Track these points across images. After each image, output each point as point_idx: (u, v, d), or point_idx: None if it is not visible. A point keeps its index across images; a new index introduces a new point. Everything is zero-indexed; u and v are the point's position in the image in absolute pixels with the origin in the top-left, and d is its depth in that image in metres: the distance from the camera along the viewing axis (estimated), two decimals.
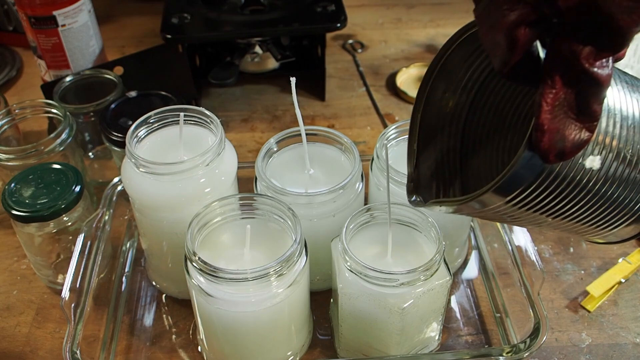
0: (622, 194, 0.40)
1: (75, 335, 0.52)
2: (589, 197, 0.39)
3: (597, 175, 0.38)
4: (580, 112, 0.33)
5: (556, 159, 0.34)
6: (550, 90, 0.33)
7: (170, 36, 0.79)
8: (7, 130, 0.69)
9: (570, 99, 0.33)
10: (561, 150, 0.34)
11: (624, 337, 0.59)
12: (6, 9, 0.97)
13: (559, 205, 0.39)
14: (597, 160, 0.38)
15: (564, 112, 0.33)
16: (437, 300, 0.52)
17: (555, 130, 0.33)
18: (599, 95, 0.33)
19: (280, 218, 0.53)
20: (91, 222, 0.60)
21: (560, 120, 0.33)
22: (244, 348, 0.54)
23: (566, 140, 0.33)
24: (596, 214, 0.41)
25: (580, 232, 0.44)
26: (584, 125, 0.34)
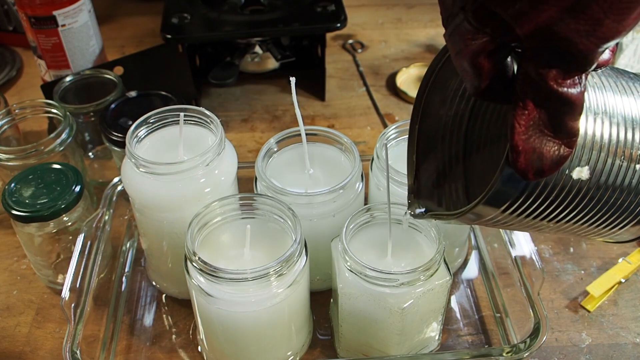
0: (620, 197, 0.40)
1: (75, 335, 0.52)
2: (585, 204, 0.39)
3: (588, 184, 0.38)
4: (557, 131, 0.33)
5: (536, 177, 0.34)
6: (522, 111, 0.33)
7: (170, 36, 0.79)
8: (7, 130, 0.69)
9: (545, 118, 0.33)
10: (539, 168, 0.34)
11: (624, 337, 0.59)
12: (6, 9, 0.97)
13: (555, 212, 0.39)
14: (585, 171, 0.37)
15: (539, 130, 0.33)
16: (437, 300, 0.52)
17: (530, 150, 0.33)
18: (572, 113, 0.33)
19: (280, 218, 0.53)
20: (91, 222, 0.60)
21: (536, 139, 0.33)
22: (244, 348, 0.54)
23: (544, 158, 0.33)
24: (596, 218, 0.41)
25: (585, 234, 0.44)
26: (563, 142, 0.33)
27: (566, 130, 0.33)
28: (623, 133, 0.39)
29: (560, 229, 0.43)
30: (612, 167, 0.39)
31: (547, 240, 0.69)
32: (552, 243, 0.68)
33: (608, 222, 0.42)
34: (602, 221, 0.42)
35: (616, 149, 0.39)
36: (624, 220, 0.42)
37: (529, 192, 0.37)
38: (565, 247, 0.68)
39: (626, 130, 0.39)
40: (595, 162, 0.38)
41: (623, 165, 0.39)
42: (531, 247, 0.58)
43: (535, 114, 0.33)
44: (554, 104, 0.32)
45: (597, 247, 0.68)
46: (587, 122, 0.37)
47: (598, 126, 0.38)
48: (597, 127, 0.38)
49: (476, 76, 0.33)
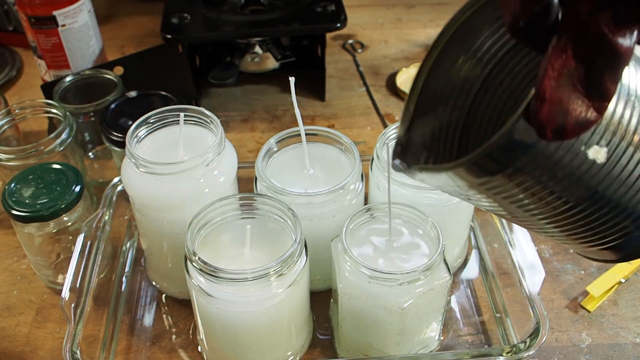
0: (625, 201, 0.35)
1: (75, 335, 0.52)
2: (585, 196, 0.35)
3: (599, 170, 0.34)
4: (590, 88, 0.29)
5: (554, 136, 0.30)
6: (559, 54, 0.29)
7: (170, 36, 0.79)
8: (7, 130, 0.69)
9: (581, 70, 0.29)
10: (561, 126, 0.29)
11: (624, 337, 0.59)
12: (6, 9, 0.97)
13: (556, 195, 0.35)
14: (602, 152, 0.33)
15: (572, 83, 0.29)
16: (437, 300, 0.52)
17: (557, 101, 0.29)
18: (615, 70, 0.29)
19: (280, 218, 0.53)
20: (91, 222, 0.60)
21: (566, 91, 0.29)
22: (244, 348, 0.54)
23: (569, 115, 0.29)
24: (590, 218, 0.37)
25: (566, 235, 0.39)
26: (593, 103, 0.29)
27: (601, 89, 0.29)
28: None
29: (549, 220, 0.37)
30: (632, 160, 0.34)
31: (547, 240, 0.69)
32: (552, 243, 0.68)
33: (600, 228, 0.37)
34: (596, 225, 0.37)
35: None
36: (617, 232, 0.37)
37: (534, 157, 0.32)
38: (566, 247, 0.68)
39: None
40: (615, 148, 0.33)
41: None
42: (531, 247, 0.58)
43: (572, 61, 0.29)
44: (598, 54, 0.28)
45: None
46: (617, 99, 0.33)
47: (628, 109, 0.33)
48: (626, 110, 0.33)
49: (522, 3, 0.29)
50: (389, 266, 0.51)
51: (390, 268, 0.50)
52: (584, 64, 0.28)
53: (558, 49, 0.29)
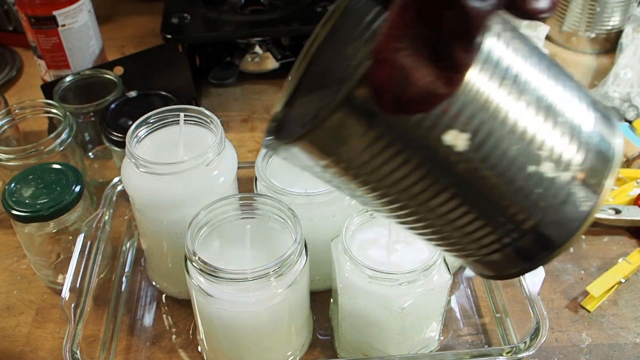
0: (489, 205, 0.31)
1: (75, 335, 0.52)
2: (447, 191, 0.30)
3: (460, 160, 0.29)
4: (438, 55, 0.24)
5: (393, 106, 0.25)
6: (401, 12, 0.24)
7: (170, 36, 0.79)
8: (7, 130, 0.69)
9: (427, 33, 0.24)
10: (399, 95, 0.25)
11: (624, 337, 0.59)
12: (6, 9, 0.97)
13: (406, 183, 0.30)
14: (461, 140, 0.28)
15: (416, 47, 0.24)
16: (437, 300, 0.52)
17: (396, 65, 0.24)
18: (466, 37, 0.24)
19: (280, 218, 0.53)
20: (91, 222, 0.60)
21: (409, 57, 0.24)
22: (244, 348, 0.54)
23: (409, 83, 0.24)
24: (459, 222, 0.32)
25: (439, 239, 0.35)
26: (442, 74, 0.25)
27: (451, 59, 0.24)
28: (531, 118, 0.30)
29: (415, 214, 0.33)
30: (500, 152, 0.29)
31: None
32: None
33: (475, 237, 0.33)
34: (470, 231, 0.33)
35: (515, 133, 0.29)
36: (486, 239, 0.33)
37: (378, 133, 0.28)
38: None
39: (537, 116, 0.30)
40: (483, 137, 0.29)
41: (516, 156, 0.30)
42: None
43: (417, 20, 0.24)
44: (445, 13, 0.24)
45: (597, 247, 0.68)
46: (487, 79, 0.29)
47: (502, 92, 0.29)
48: (499, 93, 0.29)
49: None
50: (389, 266, 0.51)
51: (390, 268, 0.50)
52: (429, 25, 0.24)
53: (402, 4, 0.24)
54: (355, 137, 0.29)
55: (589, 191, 0.32)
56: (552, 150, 0.31)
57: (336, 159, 0.31)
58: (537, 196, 0.31)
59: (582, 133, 0.32)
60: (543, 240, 0.32)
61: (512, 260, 0.34)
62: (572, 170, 0.32)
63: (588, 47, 0.97)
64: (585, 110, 0.33)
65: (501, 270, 0.35)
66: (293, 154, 0.33)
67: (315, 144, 0.30)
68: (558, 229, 0.32)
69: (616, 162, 0.33)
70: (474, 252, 0.34)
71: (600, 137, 0.33)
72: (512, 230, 0.32)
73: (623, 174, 0.72)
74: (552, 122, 0.31)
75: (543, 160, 0.30)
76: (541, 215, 0.32)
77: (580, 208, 0.32)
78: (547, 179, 0.31)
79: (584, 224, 0.32)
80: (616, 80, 0.85)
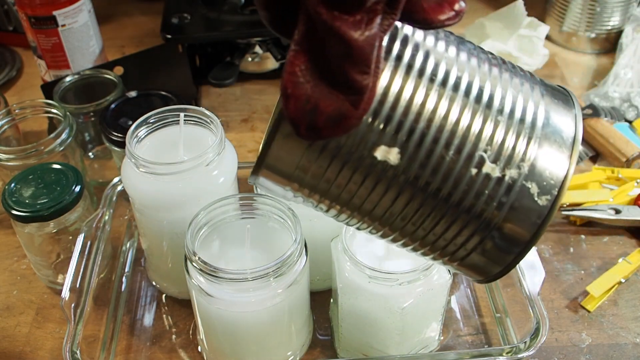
0: (440, 205, 0.32)
1: (75, 335, 0.52)
2: (391, 201, 0.32)
3: (396, 173, 0.30)
4: (337, 81, 0.26)
5: (310, 134, 0.27)
6: (299, 47, 0.26)
7: (170, 36, 0.79)
8: (7, 130, 0.69)
9: (322, 62, 0.26)
10: (313, 123, 0.27)
11: (624, 337, 0.59)
12: (6, 9, 0.97)
13: (355, 202, 0.32)
14: (393, 154, 0.30)
15: (317, 78, 0.26)
16: (437, 300, 0.52)
17: (303, 97, 0.26)
18: (354, 62, 0.26)
19: (280, 218, 0.53)
20: (91, 222, 0.60)
21: (314, 87, 0.26)
22: (244, 348, 0.54)
23: (318, 111, 0.26)
24: (402, 225, 0.33)
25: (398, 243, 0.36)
26: (347, 98, 0.26)
27: (348, 83, 0.26)
28: (463, 120, 0.30)
29: (363, 226, 0.35)
30: (435, 161, 0.30)
31: (547, 240, 0.69)
32: (552, 243, 0.68)
33: (419, 235, 0.34)
34: (411, 232, 0.34)
35: (449, 139, 0.30)
36: (437, 240, 0.34)
37: (313, 158, 0.30)
38: (565, 247, 0.68)
39: (473, 116, 0.30)
40: (414, 146, 0.30)
41: (452, 163, 0.30)
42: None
43: (312, 53, 0.26)
44: (330, 44, 0.26)
45: (597, 247, 0.68)
46: (407, 89, 0.30)
47: (426, 100, 0.30)
48: (422, 101, 0.30)
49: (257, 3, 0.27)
50: (389, 266, 0.51)
51: (390, 268, 0.50)
52: (322, 57, 0.26)
53: (297, 42, 0.26)
54: (300, 164, 0.31)
55: (545, 184, 0.32)
56: (493, 149, 0.31)
57: (298, 185, 0.33)
58: (490, 196, 0.31)
59: (526, 124, 0.32)
60: (510, 237, 0.33)
61: (490, 259, 0.34)
62: (519, 167, 0.31)
63: (588, 47, 0.97)
64: (527, 98, 0.32)
65: (486, 271, 0.35)
66: (263, 184, 0.35)
67: (270, 173, 0.33)
68: (520, 225, 0.32)
69: (575, 145, 0.32)
70: (454, 256, 0.35)
71: (550, 123, 0.32)
72: (478, 230, 0.33)
73: (623, 174, 0.72)
74: (489, 120, 0.31)
75: (485, 161, 0.31)
76: (500, 213, 0.32)
77: (539, 202, 0.32)
78: (495, 179, 0.31)
79: (547, 218, 0.32)
80: (616, 80, 0.85)
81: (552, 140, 0.32)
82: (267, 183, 0.35)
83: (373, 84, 0.27)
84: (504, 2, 0.94)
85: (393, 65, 0.30)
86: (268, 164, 0.32)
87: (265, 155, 0.32)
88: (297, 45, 0.26)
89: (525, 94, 0.33)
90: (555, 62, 0.96)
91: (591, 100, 0.84)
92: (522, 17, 0.90)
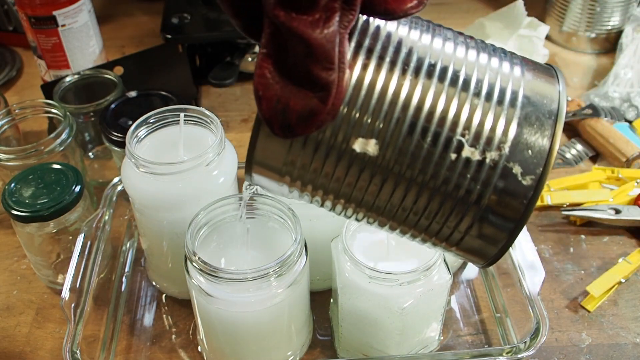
0: (424, 193, 0.32)
1: (75, 335, 0.52)
2: (377, 191, 0.32)
3: (377, 164, 0.31)
4: (303, 80, 0.27)
5: (285, 133, 0.29)
6: (265, 51, 0.28)
7: (170, 36, 0.79)
8: (7, 130, 0.69)
9: (287, 62, 0.27)
10: (285, 122, 0.28)
11: (624, 337, 0.59)
12: (6, 9, 0.97)
13: (346, 195, 0.33)
14: (371, 145, 0.30)
15: (286, 77, 0.27)
16: (437, 300, 0.52)
17: (273, 98, 0.28)
18: (315, 60, 0.27)
19: (280, 218, 0.53)
20: (91, 222, 0.60)
21: (283, 87, 0.27)
22: (244, 348, 0.54)
23: (289, 110, 0.28)
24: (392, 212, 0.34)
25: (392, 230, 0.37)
26: (315, 95, 0.27)
27: (313, 80, 0.27)
28: (437, 105, 0.31)
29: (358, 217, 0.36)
30: (414, 149, 0.31)
31: (547, 240, 0.69)
32: (552, 243, 0.68)
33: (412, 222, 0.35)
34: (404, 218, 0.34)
35: (425, 127, 0.30)
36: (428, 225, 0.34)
37: (296, 154, 0.31)
38: (565, 247, 0.68)
39: (448, 101, 0.31)
40: (390, 137, 0.30)
41: (430, 150, 0.31)
42: (531, 247, 0.58)
43: (278, 55, 0.27)
44: (292, 44, 0.27)
45: (597, 247, 0.68)
46: (382, 79, 0.30)
47: (404, 89, 0.30)
48: (401, 90, 0.30)
49: (226, 9, 0.29)
50: (389, 266, 0.51)
51: (390, 268, 0.50)
52: (287, 57, 0.27)
53: (264, 45, 0.28)
54: (286, 159, 0.32)
55: (528, 164, 0.31)
56: (471, 132, 0.31)
57: (290, 179, 0.34)
58: (472, 180, 0.31)
59: (504, 105, 0.31)
60: (499, 219, 0.33)
61: (485, 241, 0.34)
62: (499, 148, 0.31)
63: (588, 47, 0.97)
64: (506, 79, 0.32)
65: (483, 254, 0.36)
66: (259, 182, 0.37)
67: (261, 170, 0.34)
68: (508, 206, 0.32)
69: (559, 121, 0.32)
70: (450, 240, 0.35)
71: (530, 102, 0.32)
72: (467, 214, 0.33)
73: (623, 174, 0.72)
74: (465, 104, 0.31)
75: (464, 145, 0.31)
76: (485, 196, 0.32)
77: (524, 182, 0.32)
78: (475, 162, 0.31)
79: (533, 197, 0.32)
80: (616, 80, 0.85)
81: (534, 119, 0.32)
82: (262, 181, 0.36)
83: (339, 79, 0.27)
84: (504, 2, 0.94)
85: (364, 58, 0.30)
86: (256, 163, 0.33)
87: (252, 155, 0.33)
88: (264, 48, 0.27)
89: (503, 75, 0.33)
90: (555, 62, 0.96)
91: (591, 100, 0.84)
92: (522, 17, 0.90)
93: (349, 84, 0.30)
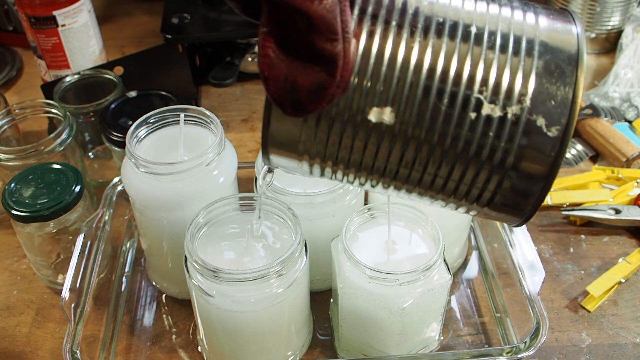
0: (444, 155, 0.31)
1: (75, 335, 0.52)
2: (398, 159, 0.32)
3: (395, 131, 0.30)
4: (308, 54, 0.26)
5: (297, 111, 0.28)
6: (266, 29, 0.27)
7: (170, 36, 0.79)
8: (7, 130, 0.69)
9: (290, 38, 0.26)
10: (296, 100, 0.27)
11: (624, 337, 0.59)
12: (6, 9, 0.97)
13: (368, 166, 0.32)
14: (387, 113, 0.30)
15: (289, 56, 0.27)
16: (437, 300, 0.52)
17: (280, 77, 0.27)
18: (318, 32, 0.26)
19: (280, 218, 0.53)
20: (91, 222, 0.60)
21: (289, 65, 0.27)
22: (244, 348, 0.54)
23: (298, 88, 0.27)
24: (416, 177, 0.33)
25: (418, 195, 0.36)
26: (322, 68, 0.27)
27: (318, 54, 0.26)
28: (455, 63, 0.30)
29: (384, 186, 0.35)
30: (431, 112, 0.30)
31: (547, 240, 0.69)
32: (552, 243, 0.68)
33: (436, 186, 0.34)
34: (427, 183, 0.33)
35: (440, 88, 0.30)
36: (451, 186, 0.33)
37: (312, 131, 0.30)
38: (565, 247, 0.68)
39: (462, 59, 0.30)
40: (405, 103, 0.29)
41: (448, 112, 0.30)
42: (531, 247, 0.58)
43: (280, 32, 0.26)
44: (293, 19, 0.26)
45: (597, 247, 0.68)
46: (391, 44, 0.29)
47: (415, 52, 0.29)
48: (412, 53, 0.29)
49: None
50: (389, 266, 0.51)
51: (390, 268, 0.50)
52: (289, 33, 0.26)
53: (264, 23, 0.27)
54: (301, 138, 0.31)
55: (552, 114, 0.30)
56: (489, 89, 0.30)
57: (308, 156, 0.33)
58: (496, 137, 0.30)
59: (521, 56, 0.30)
60: (528, 174, 0.32)
61: (516, 198, 0.33)
62: (520, 101, 0.30)
63: (588, 47, 0.97)
64: (519, 28, 0.31)
65: (516, 211, 0.34)
66: (277, 163, 0.36)
67: (278, 151, 0.33)
68: (535, 160, 0.31)
69: (580, 65, 0.30)
70: (480, 200, 0.34)
71: (547, 50, 0.31)
72: (494, 172, 0.32)
73: (623, 174, 0.72)
74: (480, 60, 0.30)
75: (483, 103, 0.30)
76: (511, 152, 0.31)
77: (549, 134, 0.31)
78: (497, 119, 0.30)
79: (561, 148, 0.31)
80: (616, 80, 0.85)
81: (553, 67, 0.30)
82: (281, 161, 0.35)
83: (346, 49, 0.27)
84: None
85: (369, 24, 0.30)
86: (272, 145, 0.33)
87: (267, 138, 0.32)
88: (265, 27, 0.26)
89: (516, 24, 0.31)
90: None
91: (591, 100, 0.84)
92: None
93: (357, 53, 0.29)
